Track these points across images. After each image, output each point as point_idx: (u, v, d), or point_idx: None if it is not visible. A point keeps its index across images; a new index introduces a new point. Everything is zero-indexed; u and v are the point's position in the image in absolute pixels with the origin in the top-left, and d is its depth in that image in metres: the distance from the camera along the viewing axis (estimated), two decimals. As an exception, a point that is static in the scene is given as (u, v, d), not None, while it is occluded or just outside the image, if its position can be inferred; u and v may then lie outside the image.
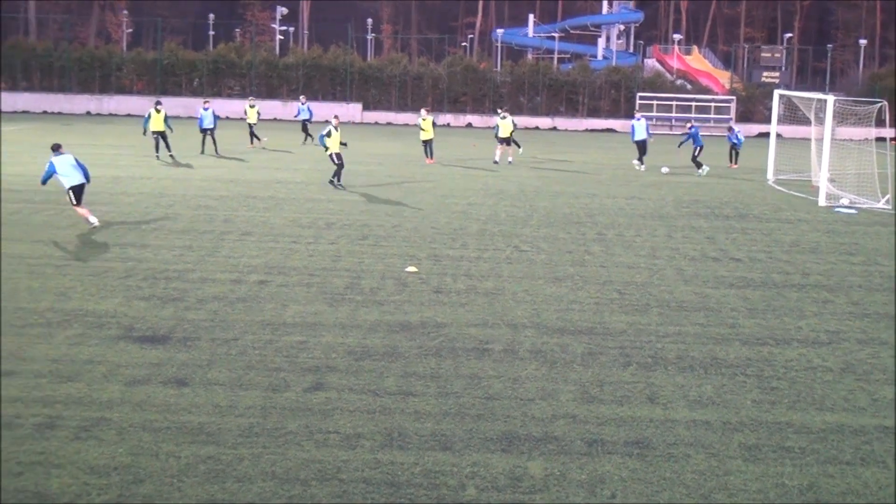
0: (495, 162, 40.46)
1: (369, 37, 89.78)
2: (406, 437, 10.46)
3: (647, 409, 11.53)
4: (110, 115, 65.93)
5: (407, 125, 66.79)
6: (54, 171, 22.38)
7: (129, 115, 65.53)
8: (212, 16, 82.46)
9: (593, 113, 73.49)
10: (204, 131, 40.95)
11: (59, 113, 65.63)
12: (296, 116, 48.70)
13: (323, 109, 69.10)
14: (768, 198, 32.39)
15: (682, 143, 41.29)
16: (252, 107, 45.66)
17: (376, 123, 69.24)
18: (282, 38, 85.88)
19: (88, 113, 67.67)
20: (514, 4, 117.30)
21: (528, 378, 12.57)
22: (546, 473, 9.70)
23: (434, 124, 41.48)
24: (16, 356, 12.78)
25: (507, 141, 40.55)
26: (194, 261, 19.14)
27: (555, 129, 71.16)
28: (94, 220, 22.65)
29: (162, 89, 70.01)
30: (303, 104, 49.49)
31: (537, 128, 70.81)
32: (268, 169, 35.73)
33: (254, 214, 25.03)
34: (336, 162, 31.08)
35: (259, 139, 45.32)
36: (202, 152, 40.49)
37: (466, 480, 9.49)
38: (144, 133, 38.53)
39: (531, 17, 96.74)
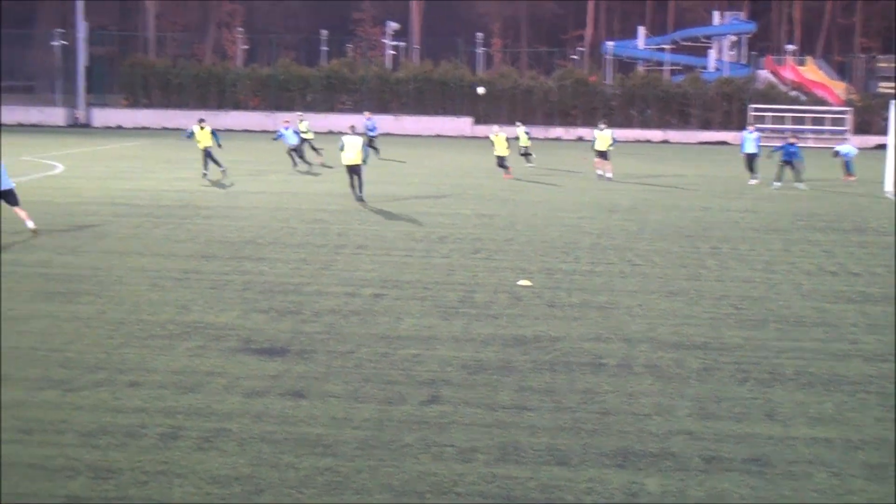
0: (599, 176, 40.20)
1: (479, 51, 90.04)
2: (521, 452, 10.47)
3: (766, 426, 11.36)
4: (227, 130, 67.14)
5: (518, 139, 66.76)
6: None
7: (245, 131, 66.73)
8: (324, 32, 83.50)
9: (705, 125, 72.71)
10: (292, 148, 40.69)
11: (177, 129, 67.00)
12: (367, 132, 48.38)
13: (434, 124, 69.53)
14: (886, 211, 31.68)
15: (772, 154, 39.91)
16: (302, 121, 45.27)
17: (487, 137, 69.43)
18: (393, 53, 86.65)
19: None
20: (624, 16, 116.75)
21: (643, 393, 12.49)
22: (663, 490, 9.62)
23: (528, 136, 41.86)
24: (139, 367, 13.10)
25: (604, 154, 40.21)
26: (310, 274, 19.41)
27: (666, 142, 70.57)
28: (31, 223, 23.26)
29: (276, 104, 71.14)
30: (368, 119, 49.25)
31: (648, 141, 70.29)
32: (379, 183, 36.04)
33: (367, 228, 25.30)
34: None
35: (317, 153, 44.04)
36: (295, 165, 40.59)
37: (583, 496, 9.45)
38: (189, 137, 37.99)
39: (641, 30, 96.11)
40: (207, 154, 36.71)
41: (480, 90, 38.28)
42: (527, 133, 45.47)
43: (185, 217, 26.49)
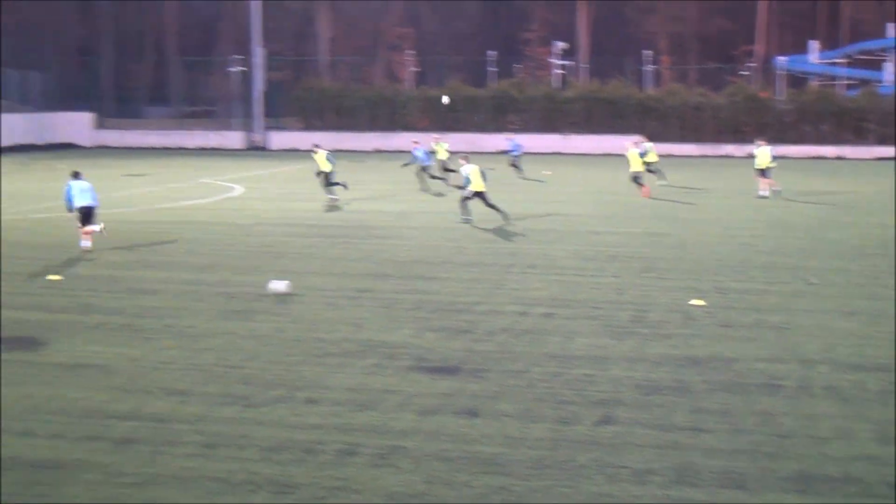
0: (761, 196, 38.55)
1: (647, 68, 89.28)
2: (698, 474, 10.31)
3: (955, 452, 10.93)
4: (397, 151, 68.06)
5: (689, 156, 65.93)
6: (70, 192, 24.65)
7: (403, 152, 67.45)
8: (492, 53, 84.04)
9: (883, 141, 70.35)
10: (421, 165, 40.82)
11: (350, 150, 68.32)
12: (509, 152, 48.07)
13: (603, 142, 69.09)
14: None
15: None
16: (438, 143, 45.12)
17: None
18: (561, 72, 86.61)
19: (377, 150, 70.13)
20: (795, 31, 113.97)
21: (822, 416, 12.16)
22: (846, 516, 9.35)
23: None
24: (316, 384, 13.39)
25: (764, 172, 38.90)
26: (482, 293, 19.52)
27: (841, 157, 68.53)
28: (87, 243, 24.49)
29: (445, 126, 71.88)
30: (509, 140, 48.85)
31: (822, 157, 68.40)
32: (550, 202, 36.04)
33: (537, 247, 25.32)
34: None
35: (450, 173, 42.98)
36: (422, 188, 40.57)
37: (762, 520, 9.26)
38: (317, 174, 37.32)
39: (814, 44, 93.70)
40: (326, 176, 36.14)
41: (445, 99, 36.95)
42: (771, 153, 43.48)
43: (358, 237, 26.98)
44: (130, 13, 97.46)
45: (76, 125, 73.45)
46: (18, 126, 69.33)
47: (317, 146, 36.89)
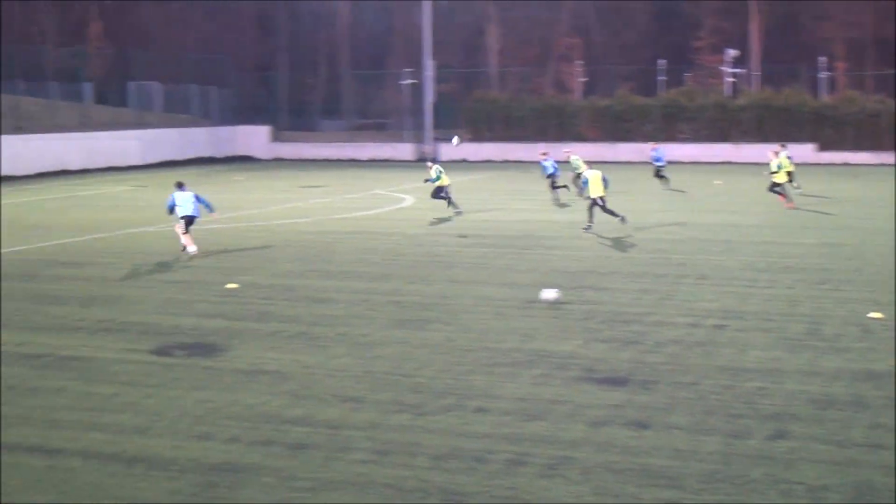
0: None
1: (822, 75, 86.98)
2: (876, 492, 10.02)
3: None
4: (564, 162, 67.80)
5: (866, 165, 63.93)
6: (174, 203, 26.08)
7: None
8: (662, 62, 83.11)
9: None
10: (550, 177, 40.37)
11: (518, 161, 68.42)
12: (654, 161, 46.59)
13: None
14: None
15: None
16: (571, 155, 43.84)
17: (831, 164, 66.84)
18: (732, 80, 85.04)
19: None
20: None
21: None
22: None
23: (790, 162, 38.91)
24: (486, 394, 13.49)
25: None
26: (651, 304, 19.35)
27: None
28: (193, 249, 25.75)
29: (614, 135, 71.36)
30: (654, 150, 47.41)
31: None
32: (722, 212, 35.46)
33: (708, 258, 24.94)
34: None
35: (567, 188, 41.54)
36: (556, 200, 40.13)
37: (945, 541, 8.94)
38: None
39: None
40: (444, 191, 35.52)
41: (455, 141, 35.08)
42: (789, 157, 41.78)
43: (526, 247, 27.03)
44: (305, 30, 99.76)
45: (253, 138, 75.55)
46: (200, 139, 71.80)
47: (434, 160, 36.61)
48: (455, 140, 34.12)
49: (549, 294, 19.38)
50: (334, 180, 53.11)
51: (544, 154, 42.26)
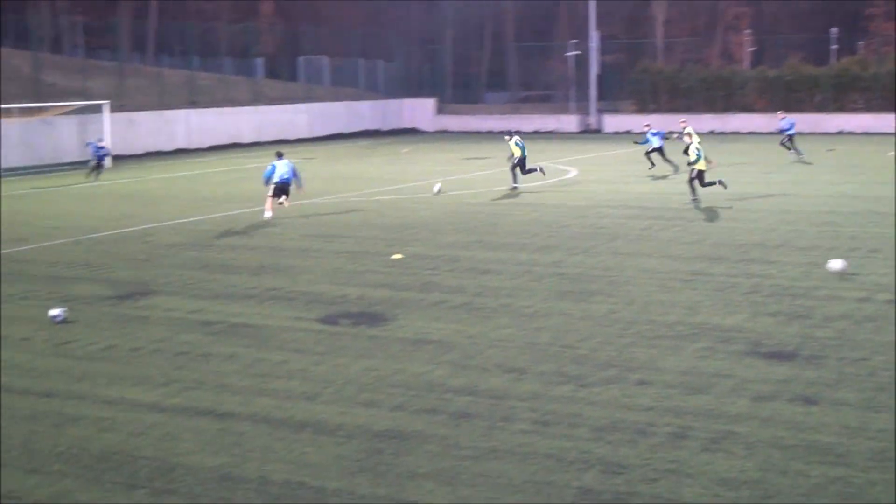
0: None
1: None
2: None
3: None
4: (733, 133, 66.56)
5: None
6: (272, 172, 27.79)
7: (750, 133, 65.79)
8: (834, 30, 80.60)
9: None
10: (655, 150, 39.55)
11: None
12: (783, 131, 45.12)
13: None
14: None
15: None
16: (686, 127, 42.37)
17: None
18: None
19: (712, 132, 68.85)
20: None
21: None
22: None
23: None
24: (648, 366, 13.40)
25: None
26: (820, 278, 18.84)
27: None
28: (269, 214, 27.72)
29: (783, 106, 69.60)
30: (782, 119, 46.02)
31: None
32: (889, 183, 34.29)
33: (882, 231, 24.16)
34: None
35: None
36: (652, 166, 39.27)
37: None
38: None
39: None
40: (520, 164, 34.61)
41: (436, 188, 32.78)
42: None
43: (691, 219, 26.65)
44: (471, 3, 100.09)
45: (419, 111, 76.29)
46: (366, 112, 72.90)
47: (510, 132, 35.75)
48: (437, 188, 33.01)
49: (836, 265, 19.10)
50: (498, 152, 53.20)
51: (648, 125, 41.81)
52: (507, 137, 35.33)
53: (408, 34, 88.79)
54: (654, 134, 39.94)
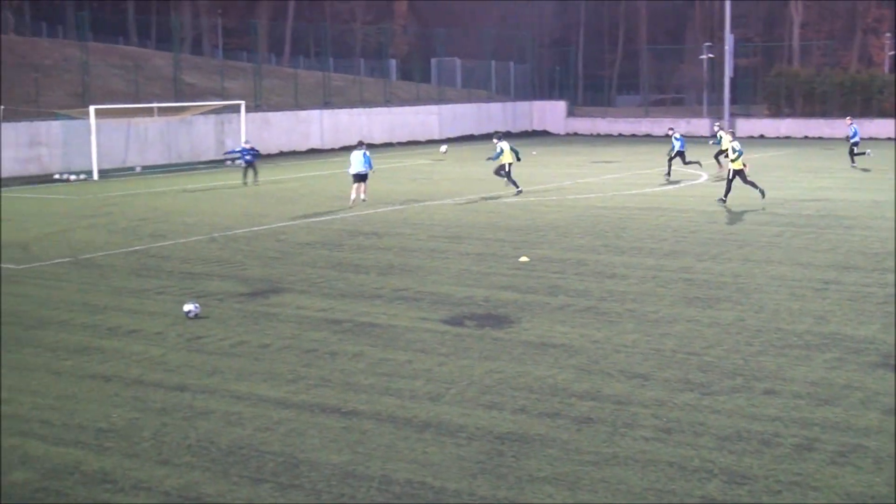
0: None
1: None
2: None
3: None
4: (870, 138, 64.86)
5: None
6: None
7: (888, 139, 64.03)
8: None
9: None
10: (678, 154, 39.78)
11: (819, 137, 66.01)
12: (850, 138, 44.19)
13: None
14: None
15: None
16: (721, 130, 41.72)
17: None
18: None
19: (847, 138, 67.23)
20: None
21: None
22: None
23: None
24: (776, 376, 13.19)
25: None
26: (959, 290, 18.31)
27: None
28: (354, 195, 31.20)
29: (926, 111, 67.59)
30: (850, 125, 44.89)
31: None
32: None
33: None
34: None
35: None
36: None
37: None
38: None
39: None
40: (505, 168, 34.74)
41: (443, 148, 31.90)
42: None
43: (825, 227, 26.12)
44: (604, 5, 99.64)
45: (550, 113, 76.16)
46: (497, 114, 73.05)
47: (499, 135, 35.91)
48: (443, 148, 33.50)
49: None
50: (628, 155, 52.89)
51: (671, 129, 42.62)
52: (495, 140, 35.78)
53: (540, 36, 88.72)
54: (677, 139, 40.46)
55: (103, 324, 16.70)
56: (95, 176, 43.44)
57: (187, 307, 17.06)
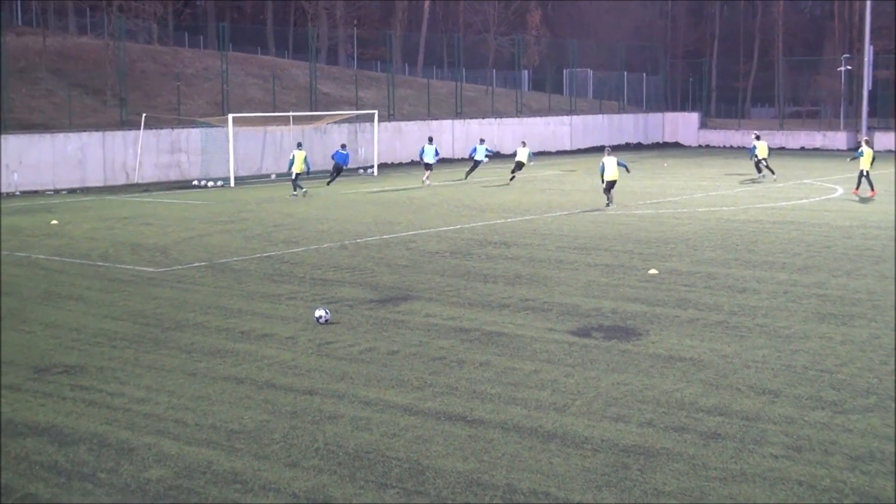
0: None
1: None
2: None
3: None
4: None
5: None
6: (422, 152, 42.81)
7: None
8: None
9: None
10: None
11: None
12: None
13: None
14: None
15: None
16: (758, 140, 45.20)
17: None
18: None
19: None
20: None
21: None
22: None
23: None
24: None
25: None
26: None
27: None
28: (427, 182, 40.43)
29: None
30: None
31: None
32: None
33: None
34: None
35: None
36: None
37: None
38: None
39: None
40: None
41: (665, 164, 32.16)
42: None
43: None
44: (737, 16, 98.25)
45: (682, 125, 75.43)
46: (628, 125, 72.73)
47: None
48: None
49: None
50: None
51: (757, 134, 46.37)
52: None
53: (673, 47, 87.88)
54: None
55: (236, 327, 17.10)
56: (232, 183, 44.46)
57: (318, 313, 17.35)
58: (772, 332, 16.33)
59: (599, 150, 66.92)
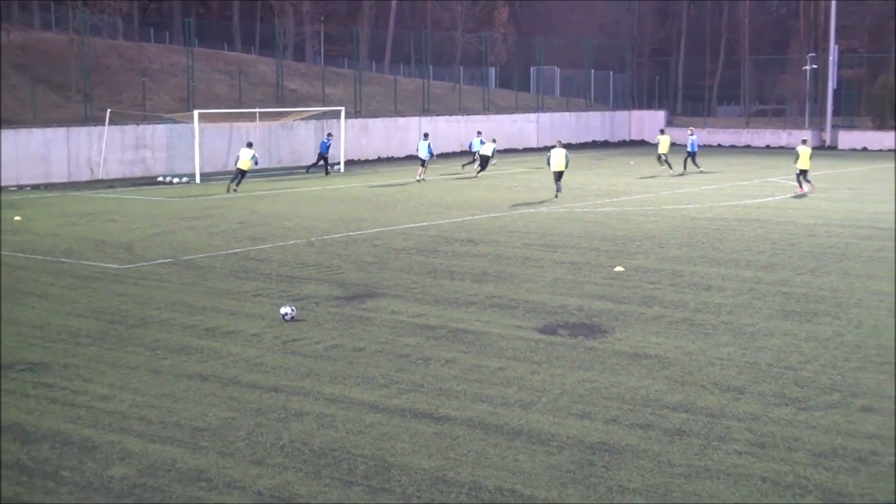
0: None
1: None
2: None
3: None
4: (981, 152, 63.27)
5: None
6: (418, 148, 44.67)
7: None
8: None
9: None
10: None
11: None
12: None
13: None
14: None
15: None
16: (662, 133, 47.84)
17: None
18: None
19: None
20: None
21: None
22: None
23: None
24: (874, 392, 12.96)
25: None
26: None
27: None
28: (420, 178, 41.81)
29: None
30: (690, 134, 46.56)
31: None
32: None
33: None
34: None
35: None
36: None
37: None
38: None
39: None
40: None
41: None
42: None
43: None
44: (704, 15, 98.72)
45: (648, 123, 75.62)
46: (595, 123, 72.87)
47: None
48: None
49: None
50: (727, 167, 52.37)
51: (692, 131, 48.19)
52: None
53: (640, 45, 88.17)
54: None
55: (201, 324, 17.02)
56: (198, 179, 44.24)
57: (284, 310, 17.30)
58: (736, 330, 16.42)
59: (566, 147, 67.15)
